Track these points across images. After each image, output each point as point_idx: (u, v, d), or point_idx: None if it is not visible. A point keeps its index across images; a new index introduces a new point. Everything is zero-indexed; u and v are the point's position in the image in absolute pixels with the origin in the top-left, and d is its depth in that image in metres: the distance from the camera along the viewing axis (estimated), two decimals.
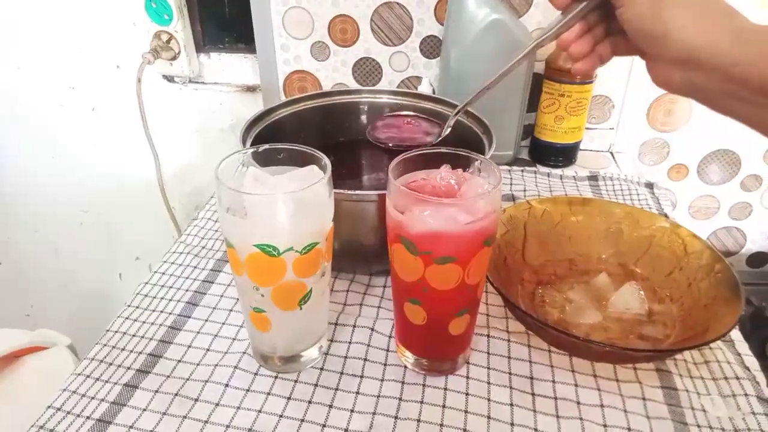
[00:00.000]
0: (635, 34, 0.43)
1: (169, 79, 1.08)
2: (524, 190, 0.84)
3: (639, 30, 0.43)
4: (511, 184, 0.85)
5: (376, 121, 0.73)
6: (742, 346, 0.56)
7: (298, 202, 0.43)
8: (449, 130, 0.66)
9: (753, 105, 0.39)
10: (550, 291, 0.61)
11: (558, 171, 0.90)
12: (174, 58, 1.03)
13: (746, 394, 0.50)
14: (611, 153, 0.98)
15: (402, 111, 0.76)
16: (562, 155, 0.92)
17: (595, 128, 0.97)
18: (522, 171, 0.90)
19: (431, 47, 0.93)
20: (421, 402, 0.50)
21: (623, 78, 0.92)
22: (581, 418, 0.48)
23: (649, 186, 0.87)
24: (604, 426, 0.48)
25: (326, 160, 0.47)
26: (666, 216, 0.71)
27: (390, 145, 0.68)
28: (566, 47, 0.49)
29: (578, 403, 0.50)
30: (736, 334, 0.57)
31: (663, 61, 0.43)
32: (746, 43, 0.38)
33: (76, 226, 1.31)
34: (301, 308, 0.48)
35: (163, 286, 0.64)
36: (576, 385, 0.51)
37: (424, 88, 0.95)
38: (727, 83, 0.39)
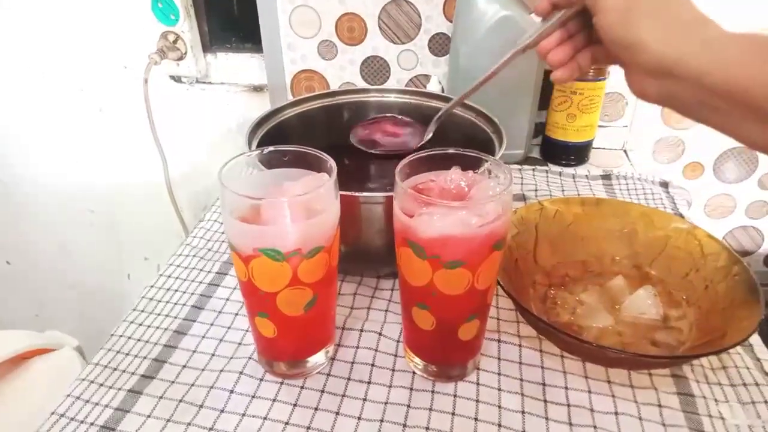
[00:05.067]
0: (609, 43, 0.43)
1: (176, 79, 1.07)
2: (535, 190, 0.82)
3: (612, 39, 0.43)
4: (521, 184, 0.83)
5: (358, 125, 0.71)
6: (762, 351, 0.55)
7: (303, 206, 0.42)
8: (431, 135, 0.66)
9: (726, 114, 0.39)
10: (562, 293, 0.60)
11: (570, 170, 0.89)
12: (181, 58, 1.02)
13: (766, 401, 0.49)
14: (625, 151, 0.96)
15: (388, 113, 0.74)
16: (574, 154, 0.90)
17: (608, 126, 0.95)
18: (533, 170, 0.88)
19: (440, 45, 0.92)
20: (430, 409, 0.48)
21: None
22: (595, 426, 0.47)
23: (664, 185, 0.85)
24: None
25: (332, 162, 0.45)
26: (681, 216, 0.70)
27: (374, 151, 0.68)
28: (545, 54, 0.49)
29: (592, 410, 0.48)
30: (755, 339, 0.56)
31: (638, 71, 0.43)
32: (716, 52, 0.37)
33: (85, 226, 1.31)
34: (306, 313, 0.47)
35: (168, 289, 0.63)
36: (589, 392, 0.50)
37: (433, 87, 0.94)
38: (700, 93, 0.39)
